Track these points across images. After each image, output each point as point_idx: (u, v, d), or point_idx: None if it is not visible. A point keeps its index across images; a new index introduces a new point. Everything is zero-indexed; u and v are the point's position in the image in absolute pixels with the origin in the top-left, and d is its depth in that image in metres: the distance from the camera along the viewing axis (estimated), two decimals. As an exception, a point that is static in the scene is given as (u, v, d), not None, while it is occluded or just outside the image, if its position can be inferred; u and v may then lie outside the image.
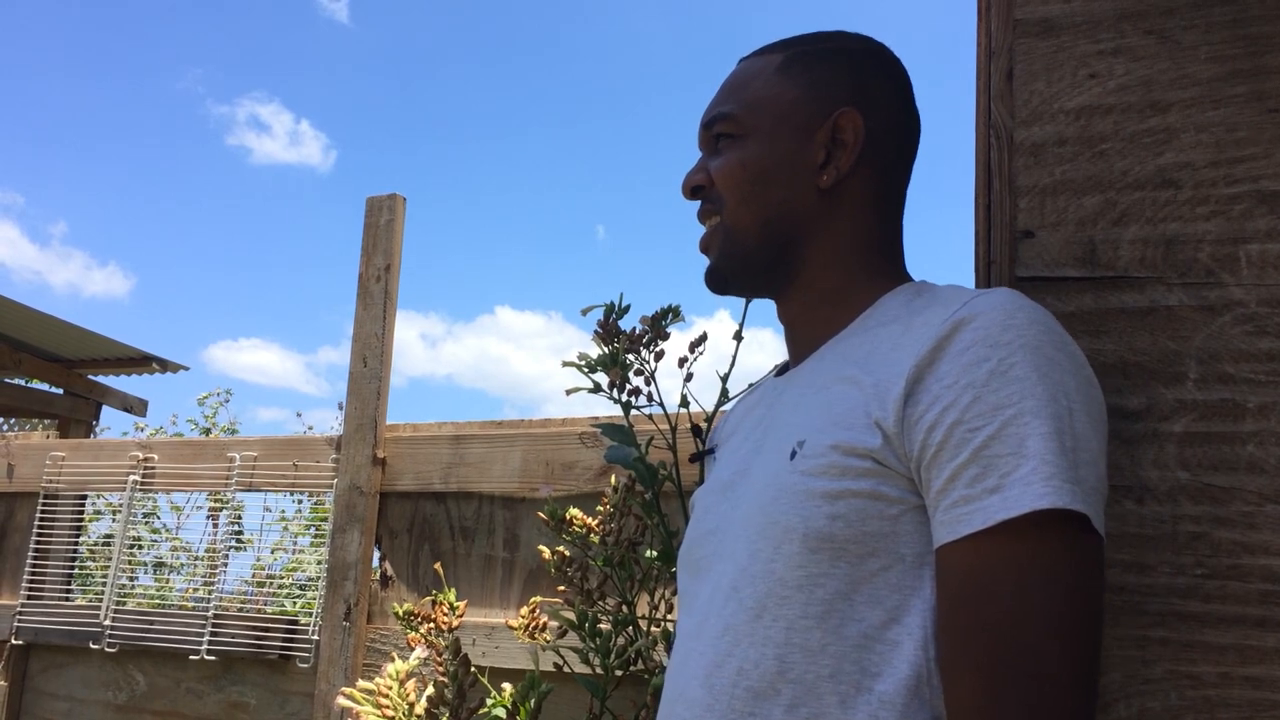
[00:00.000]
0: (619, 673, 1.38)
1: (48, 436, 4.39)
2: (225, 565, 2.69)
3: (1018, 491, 0.73)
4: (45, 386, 4.80)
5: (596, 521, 1.59)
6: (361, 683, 1.28)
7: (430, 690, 1.21)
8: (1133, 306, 0.95)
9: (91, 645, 2.51)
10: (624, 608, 1.42)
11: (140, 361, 4.56)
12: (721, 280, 1.00)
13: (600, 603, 1.43)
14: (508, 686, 1.52)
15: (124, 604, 2.60)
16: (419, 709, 1.17)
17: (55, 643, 2.57)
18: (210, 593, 2.50)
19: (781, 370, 1.03)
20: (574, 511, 1.59)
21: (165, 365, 4.65)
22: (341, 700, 1.27)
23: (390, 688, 1.19)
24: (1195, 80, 0.97)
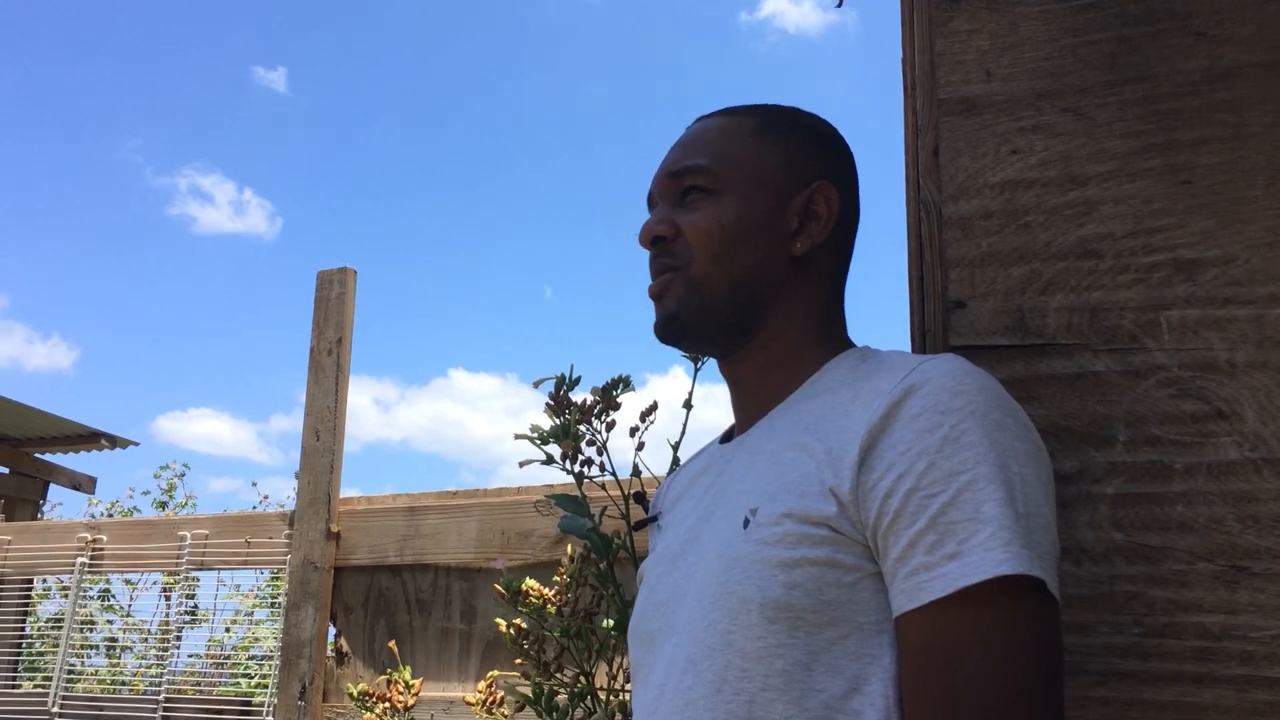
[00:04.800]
0: (577, 747, 1.37)
1: (-7, 518, 4.29)
2: (179, 643, 2.64)
3: (977, 558, 0.74)
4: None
5: (553, 592, 1.59)
6: (316, 767, 1.26)
7: (386, 773, 1.20)
8: (1062, 373, 0.98)
9: (38, 734, 2.44)
10: (581, 679, 1.42)
11: (89, 438, 4.49)
12: (679, 331, 0.98)
13: (557, 675, 1.43)
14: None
15: (73, 688, 2.54)
16: (374, 794, 1.16)
17: (0, 733, 2.50)
18: (161, 674, 2.45)
19: (727, 436, 1.03)
20: (530, 583, 1.59)
21: (115, 441, 4.58)
22: (296, 786, 1.25)
23: (345, 772, 1.18)
24: (1111, 155, 1.02)
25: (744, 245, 0.96)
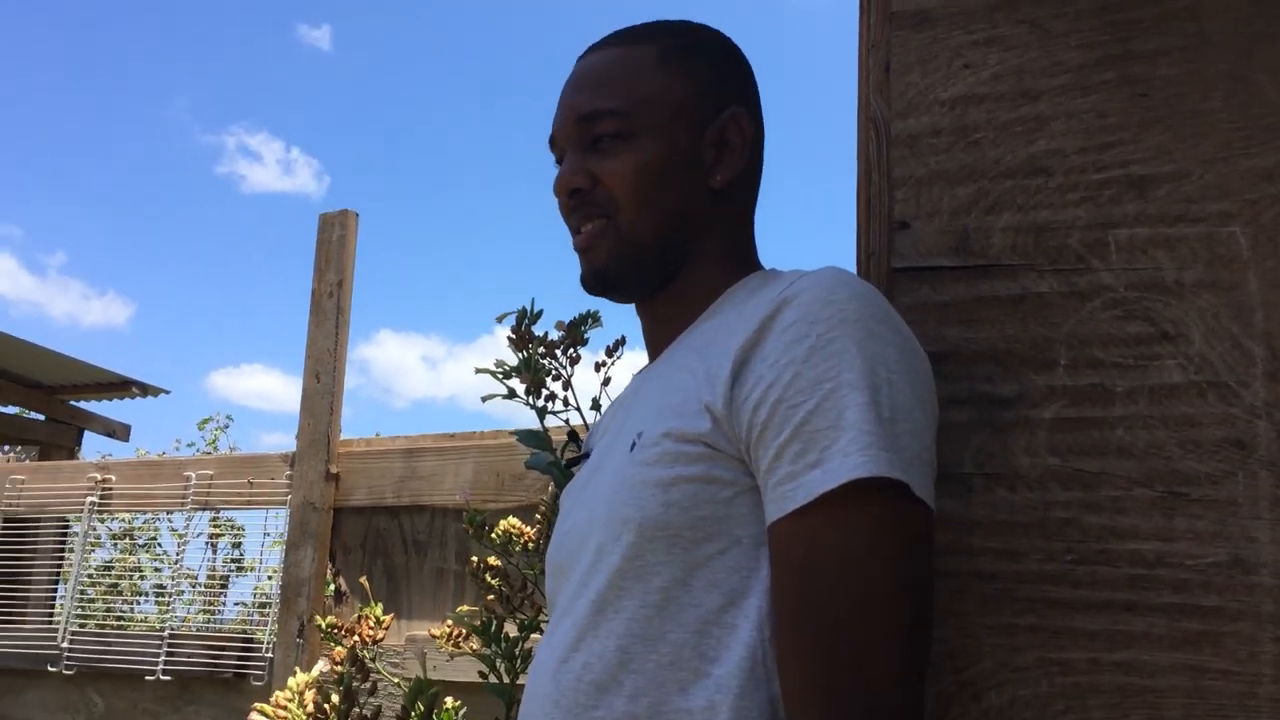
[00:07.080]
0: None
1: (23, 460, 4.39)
2: (225, 588, 2.68)
3: (836, 463, 0.73)
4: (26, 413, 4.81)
5: (535, 530, 1.58)
6: (275, 696, 1.27)
7: (336, 700, 1.21)
8: (1005, 294, 0.95)
9: (49, 669, 2.50)
10: (544, 612, 1.42)
11: (120, 386, 4.57)
12: (609, 285, 0.96)
13: (520, 609, 1.43)
14: (450, 700, 1.51)
15: (85, 626, 2.59)
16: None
17: (12, 666, 2.57)
18: (168, 612, 2.49)
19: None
20: (511, 521, 1.59)
21: (145, 389, 4.66)
22: (254, 716, 1.26)
23: (291, 699, 1.18)
24: (1066, 68, 0.97)
25: (666, 186, 0.93)
